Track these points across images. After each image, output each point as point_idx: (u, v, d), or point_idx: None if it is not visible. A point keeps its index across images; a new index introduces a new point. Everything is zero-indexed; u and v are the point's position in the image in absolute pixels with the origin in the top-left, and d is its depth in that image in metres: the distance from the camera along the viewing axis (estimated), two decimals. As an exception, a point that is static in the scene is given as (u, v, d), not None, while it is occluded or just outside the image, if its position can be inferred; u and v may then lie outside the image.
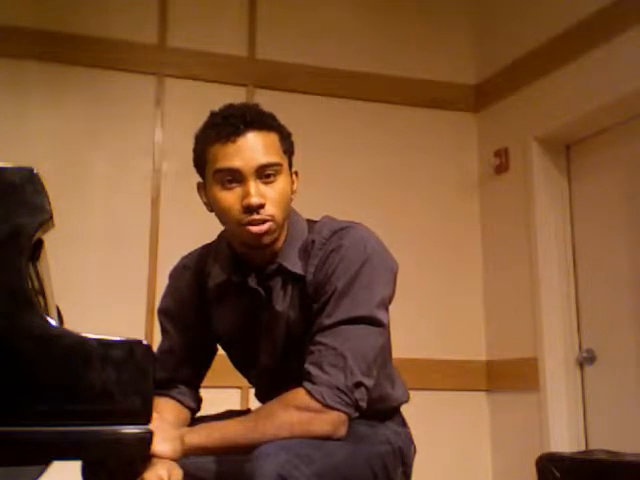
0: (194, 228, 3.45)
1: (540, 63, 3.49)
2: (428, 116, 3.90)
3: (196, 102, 3.57)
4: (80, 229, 3.26)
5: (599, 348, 3.30)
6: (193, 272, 1.71)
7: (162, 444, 1.36)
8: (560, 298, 3.41)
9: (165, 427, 1.43)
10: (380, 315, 1.48)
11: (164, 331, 1.76)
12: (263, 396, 1.69)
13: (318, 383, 1.40)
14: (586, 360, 3.32)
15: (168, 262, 3.35)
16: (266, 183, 1.48)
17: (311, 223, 1.61)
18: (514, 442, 3.51)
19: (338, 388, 1.40)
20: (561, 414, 3.30)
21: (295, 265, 1.53)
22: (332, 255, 1.50)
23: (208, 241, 1.79)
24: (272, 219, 1.48)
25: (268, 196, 1.47)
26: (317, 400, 1.39)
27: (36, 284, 1.31)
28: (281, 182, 1.50)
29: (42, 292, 1.41)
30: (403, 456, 1.59)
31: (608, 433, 3.19)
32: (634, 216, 3.15)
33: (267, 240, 1.49)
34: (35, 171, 1.19)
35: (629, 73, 3.00)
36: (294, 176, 1.58)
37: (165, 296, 1.80)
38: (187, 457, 1.44)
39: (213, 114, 1.62)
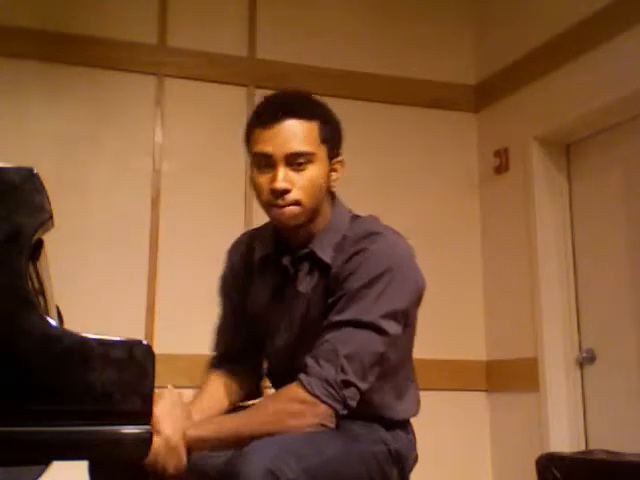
0: (194, 228, 3.46)
1: (540, 63, 3.49)
2: (428, 116, 3.90)
3: (196, 102, 3.58)
4: (80, 229, 3.26)
5: (599, 348, 3.30)
6: (245, 246, 1.78)
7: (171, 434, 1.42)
8: (560, 298, 3.41)
9: (173, 417, 1.46)
10: (385, 325, 1.49)
11: (219, 304, 1.83)
12: (275, 378, 1.72)
13: (310, 374, 1.46)
14: (586, 360, 3.32)
15: (168, 262, 3.39)
16: (296, 170, 1.54)
17: (354, 218, 1.66)
18: (514, 442, 3.51)
19: (327, 381, 1.44)
20: (561, 414, 3.30)
21: (325, 254, 1.58)
22: (357, 256, 1.53)
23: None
24: (298, 204, 1.54)
25: (296, 182, 1.54)
26: (306, 390, 1.44)
27: (36, 284, 1.31)
28: (312, 170, 1.55)
29: (42, 292, 1.41)
30: (400, 459, 1.59)
31: (608, 433, 3.19)
32: (634, 216, 3.15)
33: (291, 223, 1.57)
34: (35, 171, 1.19)
35: (629, 73, 3.00)
36: (337, 165, 1.62)
37: (222, 271, 1.85)
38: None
39: (264, 98, 1.66)
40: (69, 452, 1.18)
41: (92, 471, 1.52)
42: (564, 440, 3.25)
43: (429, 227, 3.78)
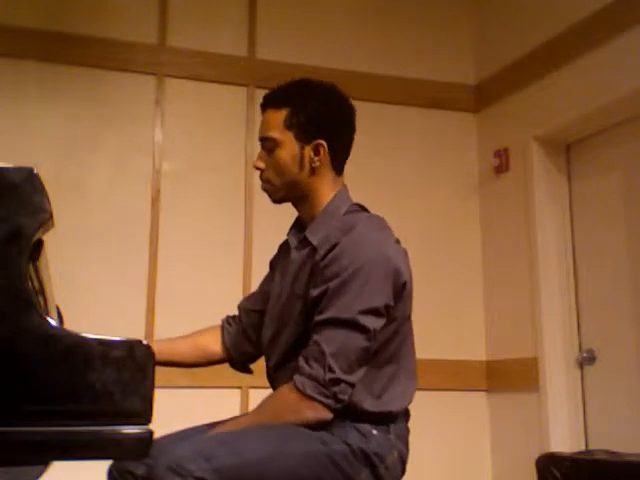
0: (194, 228, 3.46)
1: (540, 63, 3.49)
2: (428, 116, 3.91)
3: (196, 102, 3.58)
4: (80, 229, 3.26)
5: (599, 348, 3.30)
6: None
7: None
8: (560, 298, 3.41)
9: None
10: (364, 321, 1.54)
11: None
12: (268, 376, 1.79)
13: (302, 375, 1.54)
14: (586, 360, 3.32)
15: (168, 262, 3.39)
16: (268, 153, 1.71)
17: (351, 211, 1.73)
18: (514, 442, 3.51)
19: (317, 380, 1.53)
20: (561, 414, 3.30)
21: (314, 237, 1.67)
22: (334, 249, 1.59)
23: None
24: (268, 182, 1.72)
25: (267, 163, 1.71)
26: (299, 390, 1.53)
27: (36, 284, 1.31)
28: (280, 153, 1.69)
29: (42, 292, 1.41)
30: (369, 459, 1.58)
31: (608, 433, 3.19)
32: (634, 216, 3.15)
33: (271, 198, 1.75)
34: (35, 171, 1.19)
35: (629, 73, 3.00)
36: (306, 149, 1.69)
37: None
38: None
39: None
40: (69, 452, 1.18)
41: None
42: (564, 440, 3.25)
43: (429, 227, 3.78)
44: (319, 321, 1.56)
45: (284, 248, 1.85)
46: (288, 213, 1.91)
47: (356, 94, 3.74)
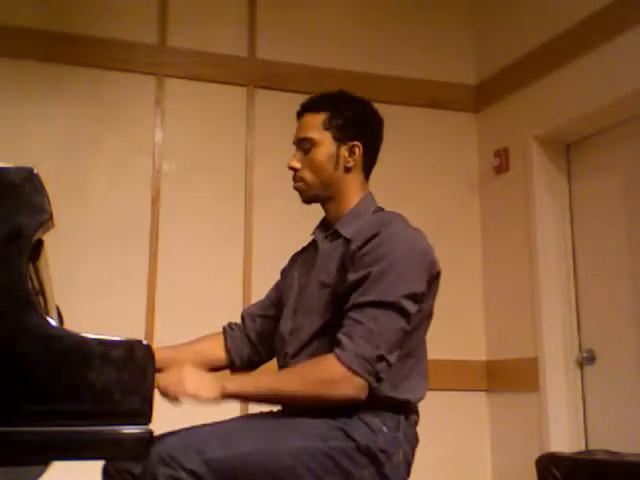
0: (194, 228, 3.46)
1: (540, 63, 3.49)
2: (428, 116, 3.90)
3: (196, 102, 3.58)
4: (80, 229, 3.26)
5: (599, 348, 3.30)
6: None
7: (205, 386, 1.53)
8: (560, 298, 3.41)
9: (202, 373, 1.60)
10: (405, 304, 1.61)
11: None
12: (280, 366, 1.80)
13: (347, 350, 1.54)
14: (586, 360, 3.32)
15: (168, 262, 3.39)
16: (305, 153, 1.80)
17: (378, 209, 1.85)
18: (514, 442, 3.51)
19: (364, 357, 1.54)
20: (561, 414, 3.30)
21: (346, 231, 1.75)
22: (374, 239, 1.65)
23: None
24: (302, 180, 1.80)
25: (303, 163, 1.80)
26: (344, 364, 1.53)
27: (36, 284, 1.31)
28: (317, 152, 1.78)
29: (42, 292, 1.41)
30: (375, 456, 1.59)
31: (608, 433, 3.19)
32: (634, 216, 3.15)
33: (302, 197, 1.83)
34: (35, 171, 1.19)
35: (629, 73, 3.00)
36: (342, 149, 1.80)
37: None
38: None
39: None
40: (69, 452, 1.18)
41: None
42: (564, 440, 3.25)
43: (429, 227, 3.72)
44: (361, 302, 1.59)
45: (306, 249, 1.92)
46: (288, 213, 1.92)
47: (356, 94, 3.79)
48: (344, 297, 1.64)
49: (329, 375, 1.55)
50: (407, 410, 1.69)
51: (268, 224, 3.48)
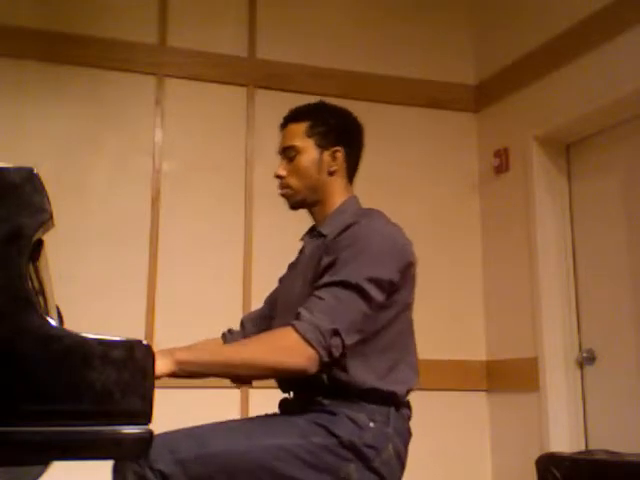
0: (194, 228, 3.46)
1: (540, 63, 3.49)
2: (428, 116, 3.91)
3: (196, 102, 3.58)
4: (80, 229, 3.26)
5: (599, 348, 3.30)
6: None
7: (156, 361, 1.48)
8: (560, 298, 3.41)
9: (162, 350, 1.58)
10: (368, 287, 1.64)
11: None
12: None
13: (303, 321, 1.58)
14: (586, 360, 3.32)
15: (168, 262, 3.39)
16: (290, 161, 1.87)
17: (360, 209, 1.89)
18: (514, 442, 3.51)
19: (318, 328, 1.57)
20: (561, 414, 3.30)
21: (326, 229, 1.83)
22: (350, 228, 1.72)
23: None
24: (288, 187, 1.87)
25: (288, 171, 1.87)
26: (298, 333, 1.56)
27: (36, 284, 1.31)
28: (301, 159, 1.86)
29: (42, 292, 1.41)
30: (359, 451, 1.60)
31: (608, 433, 3.19)
32: (634, 216, 3.15)
33: (288, 203, 1.89)
34: (35, 171, 1.19)
35: (629, 73, 3.00)
36: (325, 154, 1.87)
37: None
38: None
39: None
40: (69, 452, 1.18)
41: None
42: (564, 440, 3.25)
43: (429, 227, 3.78)
44: (328, 282, 1.64)
45: (298, 255, 1.97)
46: (288, 213, 1.92)
47: (356, 94, 3.80)
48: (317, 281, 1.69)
49: (282, 342, 1.58)
50: (396, 403, 1.70)
51: (268, 224, 3.48)
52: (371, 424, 1.64)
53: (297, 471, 1.55)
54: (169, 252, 3.39)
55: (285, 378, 1.74)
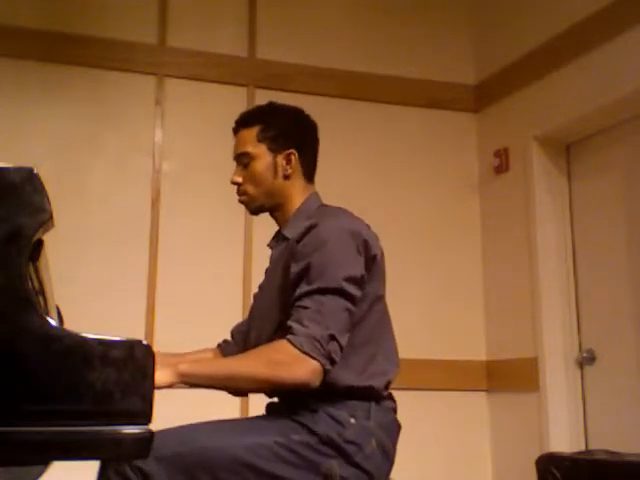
0: (194, 228, 3.46)
1: (540, 63, 3.49)
2: (428, 116, 3.91)
3: (196, 102, 3.58)
4: (80, 229, 3.26)
5: (599, 348, 3.30)
6: None
7: (158, 372, 1.48)
8: (560, 298, 3.41)
9: (163, 357, 1.60)
10: (348, 288, 1.65)
11: None
12: None
13: (298, 334, 1.58)
14: (586, 360, 3.32)
15: (168, 262, 3.39)
16: (244, 167, 1.91)
17: (322, 207, 1.89)
18: (514, 442, 3.51)
19: (315, 338, 1.57)
20: (561, 414, 3.30)
21: (289, 232, 1.84)
22: (310, 231, 1.73)
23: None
24: (245, 194, 1.92)
25: (244, 177, 1.91)
26: (295, 346, 1.56)
27: (36, 284, 1.31)
28: (255, 165, 1.89)
29: (42, 292, 1.41)
30: (339, 448, 1.61)
31: (608, 433, 3.19)
32: (634, 216, 3.15)
33: (248, 209, 1.95)
34: (35, 171, 1.19)
35: (629, 73, 3.00)
36: (278, 158, 1.87)
37: None
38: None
39: None
40: (69, 452, 1.18)
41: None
42: (564, 440, 3.25)
43: (429, 227, 3.78)
44: (308, 291, 1.64)
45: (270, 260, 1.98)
46: (288, 213, 1.92)
47: (356, 94, 3.80)
48: (291, 289, 1.69)
49: (281, 357, 1.57)
50: (376, 397, 1.71)
51: (268, 224, 3.47)
52: (352, 420, 1.65)
53: (277, 468, 1.57)
54: (169, 252, 3.39)
55: None
